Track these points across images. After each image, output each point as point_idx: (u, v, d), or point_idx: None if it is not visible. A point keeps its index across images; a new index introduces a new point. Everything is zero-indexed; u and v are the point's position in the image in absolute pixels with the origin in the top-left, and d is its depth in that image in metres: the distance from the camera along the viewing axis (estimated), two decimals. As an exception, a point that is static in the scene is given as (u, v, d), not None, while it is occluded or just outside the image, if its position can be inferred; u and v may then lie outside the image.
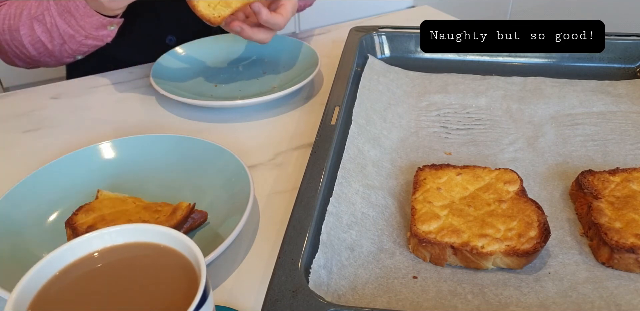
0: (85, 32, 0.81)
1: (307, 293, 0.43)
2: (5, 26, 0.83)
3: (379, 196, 0.58)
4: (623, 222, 0.51)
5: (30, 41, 0.83)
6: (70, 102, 0.85)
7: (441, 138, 0.69)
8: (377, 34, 0.86)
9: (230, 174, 0.61)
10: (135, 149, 0.67)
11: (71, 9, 0.78)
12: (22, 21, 0.82)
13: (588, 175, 0.58)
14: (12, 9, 0.82)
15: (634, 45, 0.81)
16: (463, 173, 0.58)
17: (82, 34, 0.81)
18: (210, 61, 0.92)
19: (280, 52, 0.93)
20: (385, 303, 0.47)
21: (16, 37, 0.83)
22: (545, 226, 0.51)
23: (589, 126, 0.70)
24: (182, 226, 0.54)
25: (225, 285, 0.52)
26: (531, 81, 0.80)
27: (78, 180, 0.63)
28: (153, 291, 0.37)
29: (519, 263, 0.49)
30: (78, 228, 0.53)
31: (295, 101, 0.83)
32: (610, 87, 0.78)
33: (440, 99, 0.77)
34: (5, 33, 0.83)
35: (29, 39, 0.83)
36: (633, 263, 0.49)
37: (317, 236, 0.50)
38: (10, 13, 0.82)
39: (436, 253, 0.50)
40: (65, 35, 0.81)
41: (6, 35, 0.83)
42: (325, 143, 0.60)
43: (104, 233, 0.39)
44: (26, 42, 0.83)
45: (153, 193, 0.61)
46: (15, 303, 0.34)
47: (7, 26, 0.83)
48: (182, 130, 0.76)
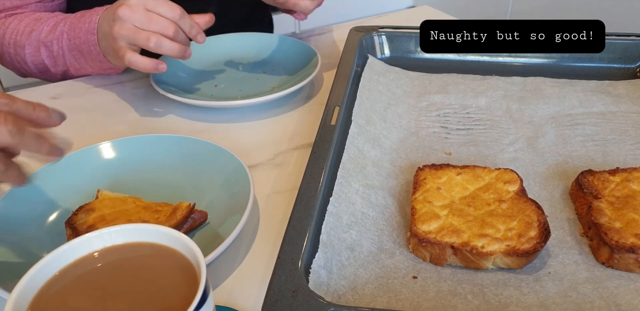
0: (92, 69, 0.81)
1: (307, 293, 0.43)
2: (12, 41, 0.82)
3: (379, 196, 0.58)
4: (623, 222, 0.51)
5: (32, 61, 0.82)
6: (70, 102, 0.85)
7: (441, 138, 0.69)
8: (377, 34, 0.86)
9: (230, 174, 0.61)
10: (135, 149, 0.67)
11: (83, 51, 0.77)
12: (29, 41, 0.80)
13: (588, 175, 0.58)
14: (21, 25, 0.81)
15: (634, 45, 0.81)
16: (463, 173, 0.58)
17: (89, 70, 0.81)
18: (210, 60, 0.92)
19: (280, 52, 0.93)
20: (385, 303, 0.47)
21: (20, 53, 0.82)
22: (545, 226, 0.51)
23: (589, 126, 0.70)
24: (182, 226, 0.54)
25: (225, 285, 0.52)
26: (531, 81, 0.80)
27: (78, 180, 0.63)
28: (153, 291, 0.37)
29: (519, 263, 0.49)
30: (78, 228, 0.53)
31: (295, 101, 0.83)
32: (610, 87, 0.78)
33: (440, 99, 0.77)
34: (10, 46, 0.82)
35: (32, 58, 0.82)
36: (633, 263, 0.49)
37: (317, 236, 0.50)
38: (19, 29, 0.81)
39: (436, 253, 0.50)
40: (70, 66, 0.81)
41: (10, 49, 0.83)
42: (325, 143, 0.60)
43: (104, 233, 0.39)
44: (29, 61, 0.83)
45: (153, 193, 0.61)
46: (15, 303, 0.34)
47: (13, 41, 0.82)
48: (182, 130, 0.76)
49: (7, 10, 0.84)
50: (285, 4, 0.78)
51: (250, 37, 0.96)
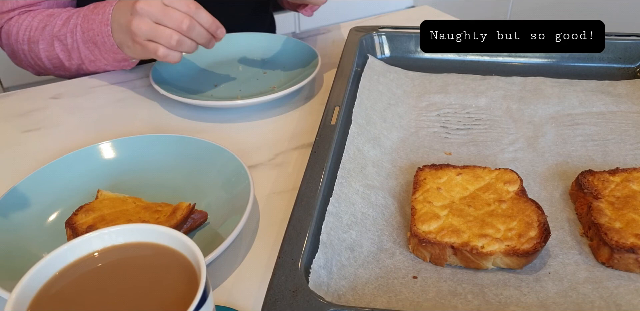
0: (106, 62, 0.81)
1: (307, 293, 0.43)
2: (26, 37, 0.82)
3: (379, 196, 0.58)
4: (623, 222, 0.51)
5: (47, 56, 0.83)
6: (70, 102, 0.85)
7: (441, 138, 0.69)
8: (377, 34, 0.86)
9: (230, 174, 0.61)
10: (135, 149, 0.67)
11: (97, 42, 0.78)
12: (43, 36, 0.81)
13: (588, 175, 0.58)
14: (35, 21, 0.82)
15: (634, 45, 0.81)
16: (463, 173, 0.58)
17: (103, 62, 0.81)
18: (210, 60, 0.92)
19: (280, 52, 0.93)
20: (385, 303, 0.47)
21: (34, 49, 0.83)
22: (545, 226, 0.51)
23: (589, 126, 0.70)
24: (182, 226, 0.54)
25: (225, 285, 0.52)
26: (531, 81, 0.80)
27: (78, 180, 0.63)
28: (153, 291, 0.37)
29: (519, 263, 0.49)
30: (78, 228, 0.53)
31: (295, 101, 0.83)
32: (610, 87, 0.78)
33: (440, 99, 0.77)
34: (24, 43, 0.83)
35: (46, 53, 0.82)
36: (633, 263, 0.49)
37: (317, 236, 0.50)
38: (32, 25, 0.82)
39: (436, 253, 0.50)
40: (85, 59, 0.81)
41: (24, 46, 0.83)
42: (325, 143, 0.60)
43: (104, 233, 0.39)
44: (43, 56, 0.83)
45: (153, 193, 0.61)
46: (15, 303, 0.34)
47: (27, 37, 0.82)
48: (182, 130, 0.76)
49: (20, 8, 0.84)
50: None
51: (251, 37, 0.96)
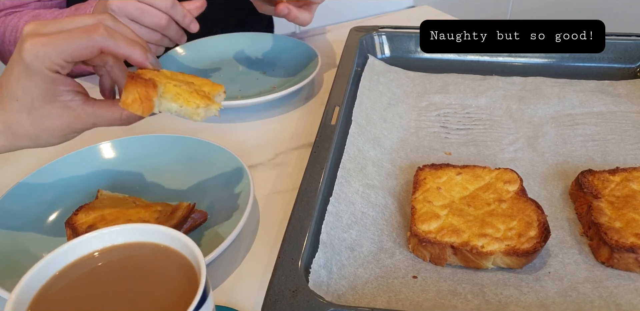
0: None
1: (307, 293, 0.43)
2: (12, 38, 0.82)
3: (379, 196, 0.58)
4: (623, 222, 0.51)
5: None
6: (71, 103, 0.85)
7: (441, 138, 0.69)
8: (377, 34, 0.86)
9: (230, 174, 0.61)
10: (135, 149, 0.67)
11: None
12: None
13: (588, 175, 0.58)
14: (21, 22, 0.82)
15: (634, 45, 0.81)
16: (463, 173, 0.58)
17: None
18: (210, 61, 0.92)
19: (280, 52, 0.93)
20: (385, 302, 0.47)
21: None
22: (545, 226, 0.51)
23: (589, 125, 0.70)
24: (182, 226, 0.54)
25: (225, 285, 0.52)
26: (531, 81, 0.80)
27: (78, 180, 0.63)
28: (153, 291, 0.37)
29: (519, 263, 0.49)
30: (78, 228, 0.53)
31: (295, 101, 0.83)
32: (610, 87, 0.78)
33: (440, 99, 0.77)
34: (11, 44, 0.83)
35: None
36: (633, 263, 0.49)
37: (317, 236, 0.50)
38: (19, 26, 0.82)
39: (436, 252, 0.50)
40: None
41: (12, 47, 0.83)
42: (325, 143, 0.60)
43: (104, 233, 0.39)
44: None
45: (153, 193, 0.61)
46: (15, 303, 0.34)
47: (13, 38, 0.82)
48: (182, 130, 0.76)
49: (7, 9, 0.84)
50: (286, 16, 0.78)
51: (251, 37, 0.96)
